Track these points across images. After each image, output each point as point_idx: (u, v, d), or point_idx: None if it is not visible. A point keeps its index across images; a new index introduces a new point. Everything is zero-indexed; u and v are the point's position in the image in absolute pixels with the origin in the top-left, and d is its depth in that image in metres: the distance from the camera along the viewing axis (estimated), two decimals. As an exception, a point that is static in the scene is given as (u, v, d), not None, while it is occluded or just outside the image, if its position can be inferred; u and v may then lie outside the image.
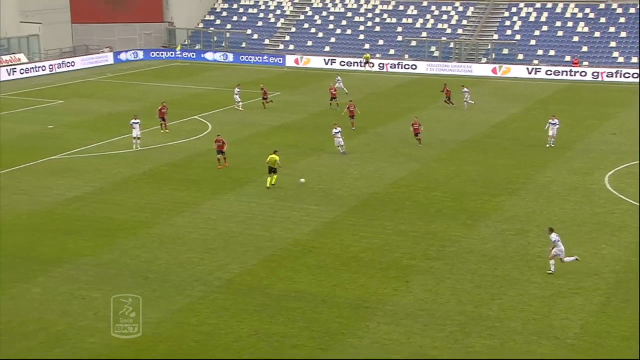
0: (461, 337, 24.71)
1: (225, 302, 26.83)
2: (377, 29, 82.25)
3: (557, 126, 46.24)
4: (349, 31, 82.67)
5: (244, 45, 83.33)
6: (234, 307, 26.45)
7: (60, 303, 26.51)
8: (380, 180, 40.41)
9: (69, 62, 74.37)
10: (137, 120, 45.67)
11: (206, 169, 42.10)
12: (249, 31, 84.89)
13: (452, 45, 78.17)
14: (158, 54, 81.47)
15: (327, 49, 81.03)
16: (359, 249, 31.51)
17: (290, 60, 78.99)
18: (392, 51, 79.12)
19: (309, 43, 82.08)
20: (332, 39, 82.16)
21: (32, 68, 71.16)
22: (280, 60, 79.32)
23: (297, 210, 35.90)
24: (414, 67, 75.73)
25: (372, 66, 75.95)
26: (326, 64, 78.03)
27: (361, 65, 76.20)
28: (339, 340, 24.43)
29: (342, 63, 77.60)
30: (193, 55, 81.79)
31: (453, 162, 43.97)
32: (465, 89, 58.10)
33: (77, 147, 46.15)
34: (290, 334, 24.73)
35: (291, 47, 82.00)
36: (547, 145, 45.90)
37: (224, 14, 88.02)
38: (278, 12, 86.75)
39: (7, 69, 69.11)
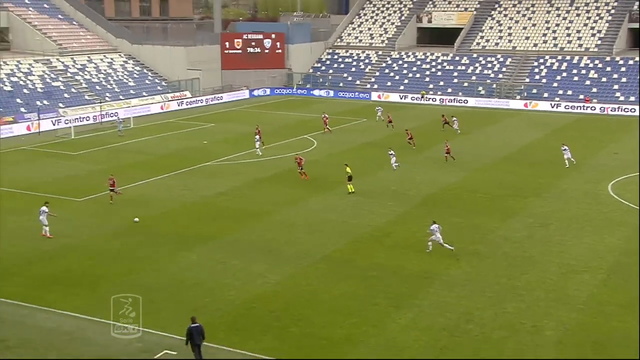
0: (497, 301, 24.24)
1: (324, 270, 26.95)
2: (439, 73, 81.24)
3: (568, 150, 44.43)
4: (418, 75, 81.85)
5: (341, 84, 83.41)
6: (330, 274, 26.56)
7: (209, 267, 27.08)
8: (436, 185, 39.94)
9: (218, 97, 75.73)
10: (259, 129, 45.58)
11: (314, 174, 42.24)
12: (345, 74, 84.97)
13: (494, 85, 76.57)
14: (280, 91, 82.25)
15: (401, 87, 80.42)
16: (422, 234, 31.17)
17: (374, 96, 78.70)
18: (449, 90, 78.03)
19: (388, 83, 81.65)
20: (406, 80, 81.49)
21: (194, 101, 72.76)
22: (367, 95, 79.09)
23: (378, 205, 35.78)
24: (465, 101, 74.58)
25: (427, 99, 75.37)
26: (401, 98, 77.46)
27: (419, 99, 75.80)
28: (407, 301, 24.26)
29: (413, 98, 76.94)
30: (305, 92, 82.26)
31: (491, 172, 43.11)
32: (455, 118, 56.95)
33: (223, 156, 47.00)
34: (371, 295, 24.68)
35: (375, 86, 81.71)
36: (567, 166, 44.24)
37: (328, 62, 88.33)
38: (367, 61, 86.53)
39: (177, 102, 71.04)
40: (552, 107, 70.84)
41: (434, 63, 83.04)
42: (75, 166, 43.95)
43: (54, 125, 57.06)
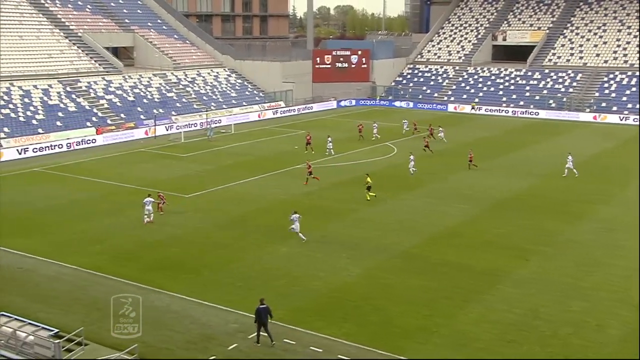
0: (563, 299, 23.26)
1: (400, 265, 26.68)
2: (512, 87, 78.81)
3: (571, 161, 41.92)
4: (492, 88, 79.75)
5: (420, 96, 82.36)
6: (405, 269, 26.26)
7: (297, 258, 27.31)
8: (507, 189, 38.75)
9: (309, 107, 76.39)
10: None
11: (392, 178, 41.94)
12: (424, 87, 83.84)
13: (565, 99, 73.55)
14: (364, 102, 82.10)
15: (476, 100, 78.53)
16: (491, 235, 30.37)
17: (450, 107, 77.23)
18: (521, 102, 75.58)
19: (464, 96, 79.89)
20: (480, 93, 79.53)
21: (287, 110, 73.72)
22: (444, 107, 77.71)
23: (450, 207, 35.09)
24: (537, 114, 71.98)
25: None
26: (475, 110, 75.70)
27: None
28: (476, 296, 23.67)
29: (487, 109, 75.03)
30: (387, 103, 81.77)
31: (560, 179, 41.41)
32: (441, 128, 55.50)
33: (314, 160, 47.21)
34: (442, 289, 24.23)
35: (452, 98, 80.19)
36: (564, 175, 41.42)
37: (408, 76, 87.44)
38: (444, 75, 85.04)
39: (272, 111, 72.19)
40: (621, 120, 67.39)
41: (507, 78, 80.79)
42: (185, 166, 45.39)
43: (167, 130, 59.17)
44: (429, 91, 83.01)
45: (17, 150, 49.08)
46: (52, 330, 18.69)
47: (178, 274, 25.50)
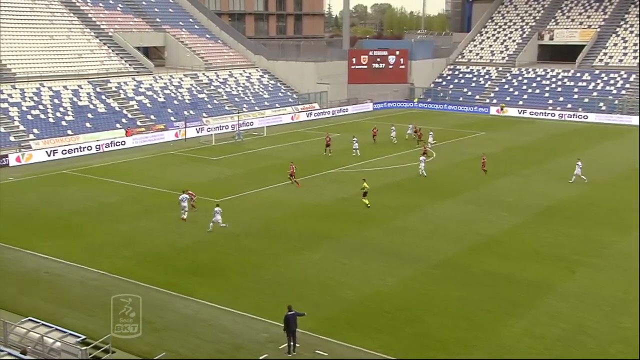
0: (613, 315, 22.66)
1: (439, 275, 26.38)
2: (559, 89, 77.48)
3: (580, 167, 41.12)
4: (537, 90, 78.58)
5: (460, 99, 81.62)
6: (444, 279, 25.95)
7: (330, 266, 27.24)
8: (554, 197, 38.04)
9: (344, 109, 76.44)
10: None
11: (432, 183, 41.66)
12: (465, 89, 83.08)
13: (616, 102, 71.96)
14: (401, 104, 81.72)
15: (520, 102, 77.46)
16: (537, 245, 29.82)
17: (493, 110, 76.29)
18: (569, 105, 74.20)
19: (507, 98, 78.85)
20: (525, 96, 78.43)
21: (321, 112, 73.82)
22: (486, 110, 76.81)
23: (492, 214, 34.61)
24: (585, 117, 70.56)
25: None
26: (519, 113, 74.65)
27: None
28: (519, 309, 23.24)
29: (532, 113, 73.94)
30: (425, 105, 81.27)
31: (611, 187, 40.51)
32: (431, 132, 54.91)
33: (345, 165, 47.27)
34: (483, 301, 23.86)
35: (494, 100, 79.23)
36: (570, 181, 40.79)
37: (448, 77, 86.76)
38: (487, 76, 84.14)
39: (306, 113, 72.41)
40: (677, 123, 65.62)
41: (554, 79, 79.46)
42: (215, 170, 45.80)
43: (197, 132, 59.81)
44: (470, 93, 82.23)
45: (47, 152, 50.21)
46: (80, 337, 18.96)
47: (207, 279, 25.70)
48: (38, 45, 63.89)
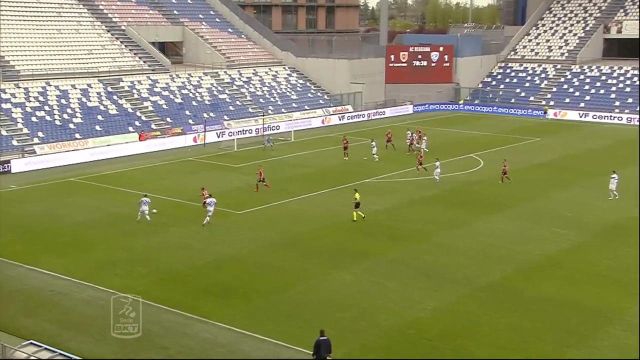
0: (687, 348, 22.17)
1: (487, 299, 26.15)
2: (628, 89, 76.33)
3: (615, 181, 40.43)
4: (602, 91, 77.60)
5: (512, 100, 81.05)
6: (493, 304, 25.71)
7: (364, 287, 27.20)
8: (620, 212, 37.41)
9: (381, 112, 76.52)
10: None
11: (479, 195, 41.42)
12: (517, 90, 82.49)
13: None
14: (445, 107, 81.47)
15: (582, 104, 76.61)
16: (600, 267, 29.38)
17: (550, 113, 75.58)
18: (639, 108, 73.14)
19: (567, 100, 78.07)
20: (587, 97, 77.52)
21: (355, 115, 73.99)
22: (541, 113, 76.15)
23: (548, 231, 34.22)
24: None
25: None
26: (580, 117, 73.78)
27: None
28: (580, 340, 22.88)
29: (595, 116, 72.99)
30: (472, 108, 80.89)
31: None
32: (425, 137, 55.25)
33: (382, 174, 47.25)
34: (538, 329, 23.57)
35: (552, 102, 78.48)
36: (610, 198, 40.20)
37: (499, 76, 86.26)
38: (543, 75, 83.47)
39: (338, 116, 72.61)
40: None
41: (621, 78, 78.34)
42: (237, 179, 46.17)
43: (218, 137, 60.40)
44: (523, 94, 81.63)
45: (52, 157, 51.09)
46: (86, 363, 19.14)
47: (227, 300, 25.87)
48: (44, 40, 65.26)
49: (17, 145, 52.34)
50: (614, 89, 77.31)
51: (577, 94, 78.51)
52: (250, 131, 63.26)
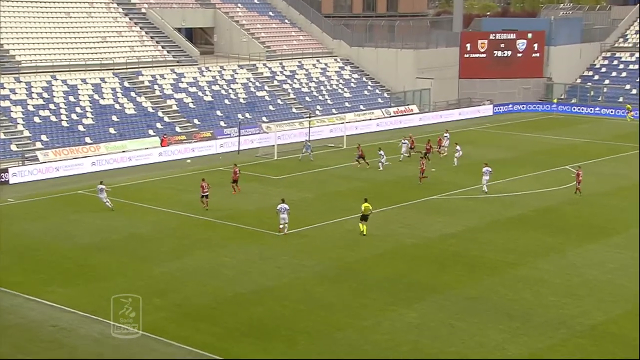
0: None
1: (588, 348, 25.60)
2: None
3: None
4: None
5: (620, 99, 79.67)
6: (596, 354, 25.16)
7: (432, 328, 26.95)
8: None
9: (453, 113, 76.05)
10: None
11: (574, 217, 40.78)
12: (627, 86, 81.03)
13: None
14: (534, 107, 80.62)
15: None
16: None
17: (666, 116, 74.16)
18: None
19: (688, 99, 76.61)
20: None
21: (422, 118, 73.65)
22: (654, 115, 74.79)
23: (665, 264, 33.41)
24: None
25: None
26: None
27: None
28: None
29: None
30: (568, 108, 79.84)
31: None
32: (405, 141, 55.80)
33: (454, 188, 46.89)
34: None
35: (669, 102, 77.05)
36: None
37: (603, 69, 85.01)
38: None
39: (400, 119, 72.39)
40: None
41: None
42: (278, 193, 46.16)
43: (254, 143, 60.68)
44: (634, 91, 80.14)
45: (58, 165, 51.96)
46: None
47: (265, 343, 25.89)
48: (49, 26, 66.70)
49: (17, 150, 53.46)
50: None
51: (702, 91, 76.81)
52: (294, 135, 63.53)
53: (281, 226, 37.19)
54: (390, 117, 72.59)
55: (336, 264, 33.59)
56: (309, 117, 65.91)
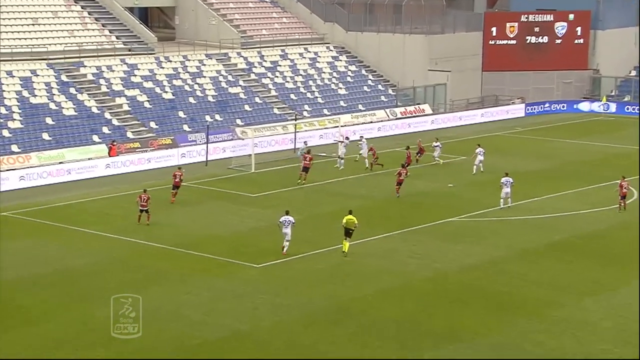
0: None
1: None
2: None
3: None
4: None
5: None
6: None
7: (449, 385, 26.91)
8: None
9: (473, 115, 76.16)
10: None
11: (627, 245, 40.70)
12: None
13: None
14: (577, 106, 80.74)
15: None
16: None
17: None
18: None
19: None
20: None
21: (434, 120, 73.70)
22: None
23: None
24: None
25: None
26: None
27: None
28: None
29: None
30: (620, 108, 79.97)
31: None
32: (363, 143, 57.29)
33: (477, 209, 46.83)
34: None
35: None
36: None
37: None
38: None
39: (409, 121, 72.31)
40: None
41: None
42: (256, 214, 46.14)
43: (226, 151, 60.69)
44: None
45: (-21, 180, 51.79)
46: None
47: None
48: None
49: None
50: None
51: None
52: (275, 142, 63.43)
53: (284, 243, 38.30)
54: (396, 119, 72.64)
55: (329, 303, 33.39)
56: (295, 119, 65.86)
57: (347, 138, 60.08)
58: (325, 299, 33.88)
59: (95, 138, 59.84)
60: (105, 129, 61.09)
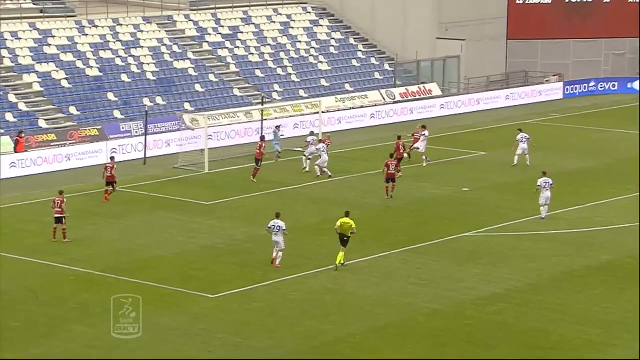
0: None
1: None
2: None
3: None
4: None
5: None
6: None
7: None
8: None
9: (495, 97, 76.22)
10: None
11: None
12: None
13: None
14: (631, 85, 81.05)
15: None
16: None
17: None
18: None
19: None
20: None
21: (445, 103, 73.81)
22: None
23: None
24: None
25: None
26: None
27: None
28: None
29: None
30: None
31: None
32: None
33: (500, 221, 47.15)
34: None
35: None
36: None
37: None
38: None
39: (410, 106, 72.45)
40: None
41: None
42: (210, 228, 46.20)
43: (170, 145, 60.97)
44: None
45: None
46: None
47: None
48: None
49: None
50: None
51: None
52: (236, 133, 63.47)
53: (274, 254, 39.02)
54: (395, 102, 72.70)
55: (307, 344, 33.50)
56: (262, 103, 65.89)
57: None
58: (300, 340, 33.92)
59: (-2, 128, 59.84)
60: (9, 116, 61.08)
